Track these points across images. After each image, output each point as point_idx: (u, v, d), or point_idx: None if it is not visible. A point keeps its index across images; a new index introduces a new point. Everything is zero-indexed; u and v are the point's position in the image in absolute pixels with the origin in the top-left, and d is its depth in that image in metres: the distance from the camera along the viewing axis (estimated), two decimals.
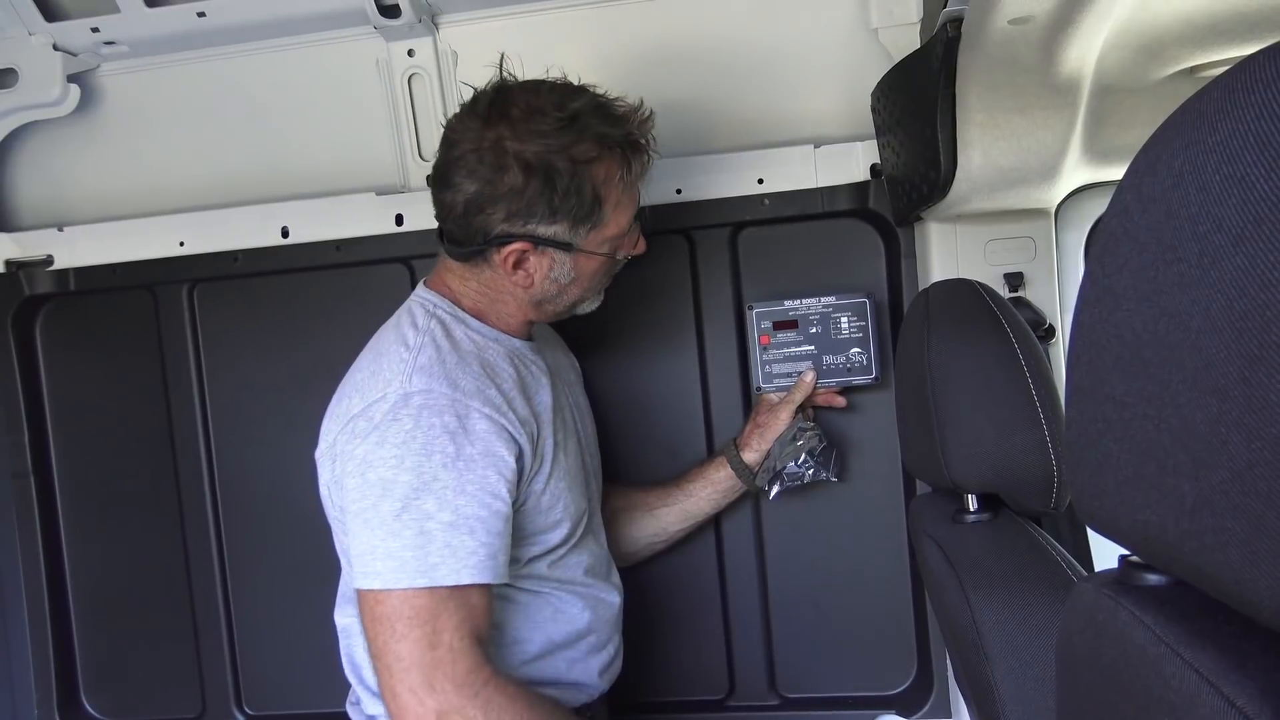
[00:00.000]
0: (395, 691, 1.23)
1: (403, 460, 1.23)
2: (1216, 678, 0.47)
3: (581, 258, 1.37)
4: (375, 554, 1.23)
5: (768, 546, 1.81)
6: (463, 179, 1.31)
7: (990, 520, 1.19)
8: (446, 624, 1.22)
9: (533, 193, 1.29)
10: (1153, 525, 0.50)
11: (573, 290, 1.41)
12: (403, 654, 1.22)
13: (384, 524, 1.23)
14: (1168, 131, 0.49)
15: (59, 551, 2.00)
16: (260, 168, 1.88)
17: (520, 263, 1.35)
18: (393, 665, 1.22)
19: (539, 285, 1.38)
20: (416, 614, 1.22)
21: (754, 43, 1.73)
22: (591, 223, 1.34)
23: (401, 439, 1.24)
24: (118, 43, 1.77)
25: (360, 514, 1.25)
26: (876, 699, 1.79)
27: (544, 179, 1.28)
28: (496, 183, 1.29)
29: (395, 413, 1.26)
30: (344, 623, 1.44)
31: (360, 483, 1.25)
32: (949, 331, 1.19)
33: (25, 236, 1.91)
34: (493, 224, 1.31)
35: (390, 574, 1.22)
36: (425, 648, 1.21)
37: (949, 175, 1.31)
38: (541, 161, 1.28)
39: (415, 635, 1.21)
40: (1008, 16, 1.01)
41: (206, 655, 1.96)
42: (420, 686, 1.21)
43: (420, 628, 1.21)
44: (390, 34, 1.73)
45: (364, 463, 1.25)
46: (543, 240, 1.33)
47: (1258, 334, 0.41)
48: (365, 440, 1.26)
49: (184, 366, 1.93)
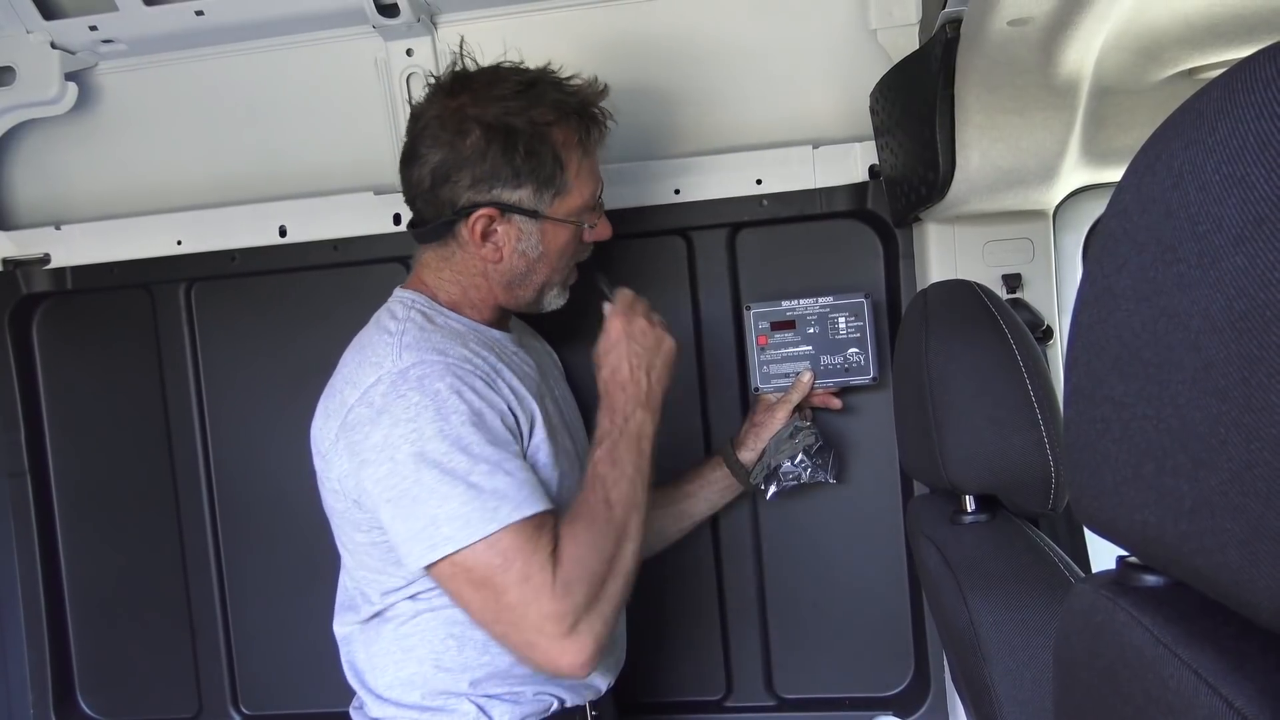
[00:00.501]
0: (530, 642, 1.22)
1: (422, 431, 1.23)
2: (1215, 679, 0.47)
3: (548, 228, 1.40)
4: (436, 522, 1.22)
5: (765, 547, 1.81)
6: (427, 149, 1.36)
7: (988, 521, 1.19)
8: (533, 555, 1.21)
9: (495, 155, 1.33)
10: (1151, 526, 0.50)
11: (541, 269, 1.42)
12: (512, 601, 1.21)
13: (432, 493, 1.22)
14: (1167, 131, 0.49)
15: (55, 550, 2.00)
16: (258, 167, 1.88)
17: (489, 234, 1.37)
18: (510, 618, 1.22)
19: (508, 260, 1.40)
20: (504, 555, 1.21)
21: (753, 43, 1.73)
22: (555, 189, 1.38)
23: (412, 412, 1.24)
24: (116, 41, 1.77)
25: (402, 496, 1.23)
26: (873, 700, 1.79)
27: (504, 140, 1.33)
28: (459, 147, 1.34)
29: (396, 389, 1.25)
30: (343, 632, 1.44)
31: (391, 467, 1.24)
32: (947, 333, 1.19)
33: (22, 235, 1.91)
34: (459, 193, 1.35)
35: (461, 533, 1.21)
36: (524, 582, 1.21)
37: (947, 176, 1.31)
38: (501, 123, 1.33)
39: (513, 576, 1.21)
40: (1007, 18, 1.01)
41: (203, 654, 1.96)
42: (548, 621, 1.21)
43: (513, 566, 1.21)
44: (389, 33, 1.73)
45: (385, 447, 1.24)
46: (509, 206, 1.36)
47: (1257, 334, 0.40)
48: (376, 426, 1.25)
49: (181, 366, 1.92)
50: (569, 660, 1.22)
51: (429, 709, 1.36)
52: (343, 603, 1.45)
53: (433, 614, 1.35)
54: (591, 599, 1.23)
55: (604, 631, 1.24)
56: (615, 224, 1.53)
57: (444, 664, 1.35)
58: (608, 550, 1.27)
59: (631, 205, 1.72)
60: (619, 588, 1.27)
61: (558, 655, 1.22)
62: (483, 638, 1.33)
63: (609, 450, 1.34)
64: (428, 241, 1.43)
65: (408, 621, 1.36)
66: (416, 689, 1.36)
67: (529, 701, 1.38)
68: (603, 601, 1.24)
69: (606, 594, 1.25)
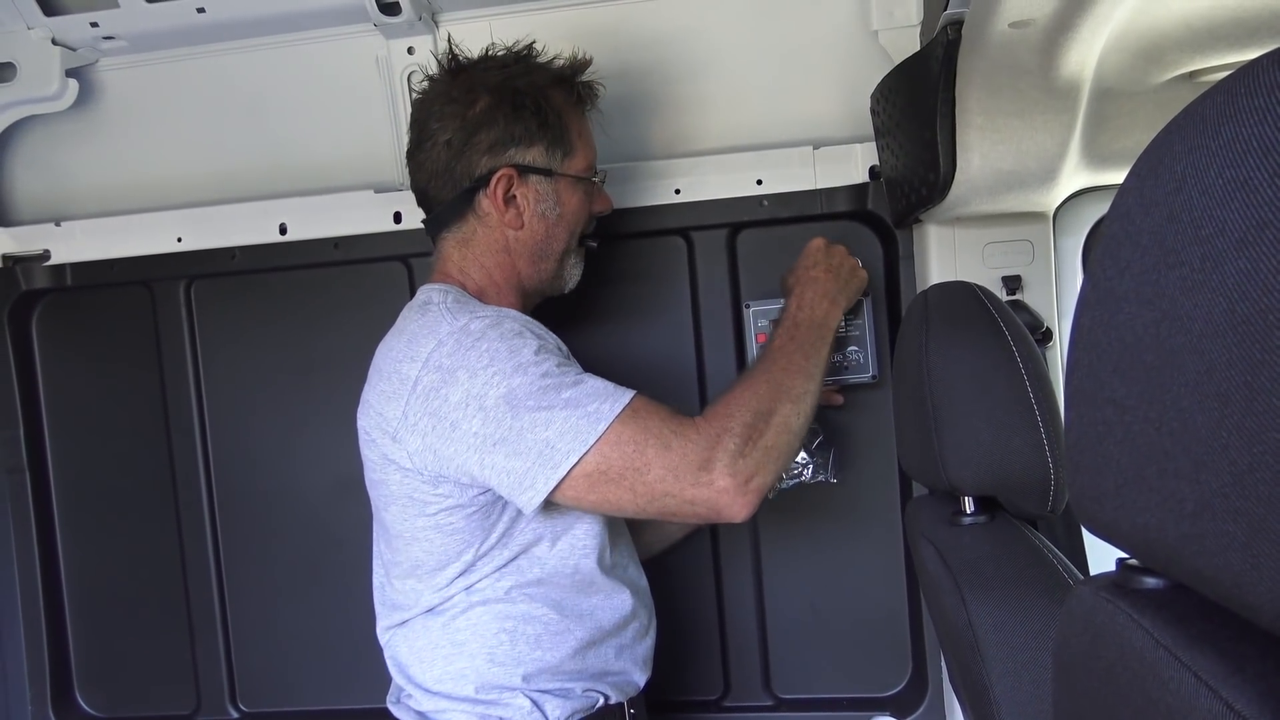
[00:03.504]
0: (691, 499, 1.24)
1: (503, 370, 1.24)
2: (1215, 681, 0.47)
3: (563, 187, 1.45)
4: (550, 445, 1.22)
5: (763, 547, 1.82)
6: (438, 126, 1.42)
7: (987, 523, 1.19)
8: (662, 426, 1.24)
9: (505, 117, 1.40)
10: (1152, 528, 0.50)
11: (560, 233, 1.46)
12: (659, 474, 1.23)
13: (534, 423, 1.23)
14: (1170, 135, 0.49)
15: (54, 547, 2.00)
16: (259, 164, 1.88)
17: (509, 199, 1.41)
18: (663, 488, 1.24)
19: (529, 225, 1.43)
20: (633, 441, 1.23)
21: (753, 44, 1.73)
22: (563, 148, 1.44)
23: (486, 359, 1.25)
24: (117, 38, 1.77)
25: (504, 437, 1.23)
26: (871, 700, 1.79)
27: (512, 102, 1.40)
28: (468, 115, 1.40)
29: (460, 345, 1.26)
30: (386, 637, 1.45)
31: (484, 416, 1.24)
32: (947, 334, 1.19)
33: (22, 231, 1.91)
34: (476, 160, 1.41)
35: (580, 436, 1.22)
36: (665, 450, 1.23)
37: (948, 178, 1.31)
38: (504, 86, 1.41)
39: (651, 453, 1.23)
40: (1008, 20, 1.01)
41: (201, 651, 1.96)
42: (701, 472, 1.23)
43: (647, 445, 1.23)
44: (390, 31, 1.73)
45: (470, 400, 1.24)
46: (525, 167, 1.42)
47: (1260, 338, 0.41)
48: (453, 384, 1.25)
49: (181, 363, 1.92)
50: (729, 499, 1.24)
51: (483, 702, 1.37)
52: (384, 602, 1.46)
53: (485, 607, 1.36)
54: (745, 445, 1.25)
55: (763, 474, 1.26)
56: (616, 224, 1.53)
57: (497, 658, 1.36)
58: (765, 405, 1.29)
59: (632, 205, 1.72)
60: (776, 439, 1.28)
61: (717, 497, 1.23)
62: (535, 633, 1.35)
63: (789, 328, 1.42)
64: (447, 223, 1.44)
65: (460, 616, 1.36)
66: (469, 683, 1.37)
67: (578, 697, 1.39)
68: (757, 449, 1.26)
69: (761, 443, 1.26)
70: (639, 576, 1.52)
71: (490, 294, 1.44)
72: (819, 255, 1.52)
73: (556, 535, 1.36)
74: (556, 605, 1.37)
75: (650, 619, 1.53)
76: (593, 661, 1.41)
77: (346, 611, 1.84)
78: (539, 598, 1.36)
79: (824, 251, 1.52)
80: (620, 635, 1.45)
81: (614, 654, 1.44)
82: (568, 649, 1.38)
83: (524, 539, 1.35)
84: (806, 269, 1.50)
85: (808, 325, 1.42)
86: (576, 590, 1.39)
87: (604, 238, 1.60)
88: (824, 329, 1.43)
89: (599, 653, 1.42)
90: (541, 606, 1.36)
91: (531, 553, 1.36)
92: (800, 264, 1.52)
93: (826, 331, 1.44)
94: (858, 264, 1.55)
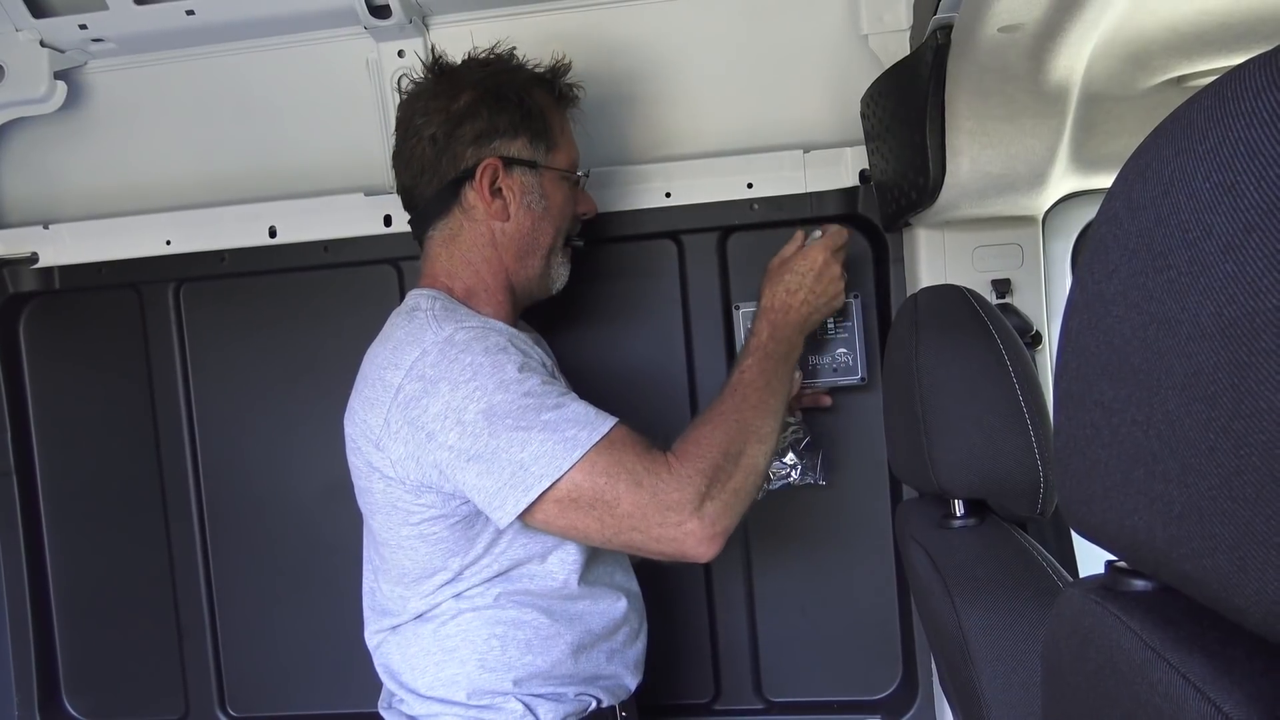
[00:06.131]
0: (658, 537, 1.24)
1: (485, 386, 1.24)
2: (1203, 683, 0.47)
3: (548, 180, 1.45)
4: (524, 466, 1.22)
5: (754, 550, 1.82)
6: (422, 121, 1.42)
7: (976, 525, 1.20)
8: (636, 461, 1.24)
9: (487, 110, 1.41)
10: (1140, 531, 0.51)
11: (546, 229, 1.45)
12: (629, 508, 1.23)
13: (510, 442, 1.22)
14: (1158, 139, 0.49)
15: (41, 551, 1.98)
16: (248, 167, 1.87)
17: (495, 191, 1.41)
18: (631, 524, 1.24)
19: (515, 218, 1.43)
20: (606, 472, 1.23)
21: (744, 48, 1.74)
22: (547, 142, 1.45)
23: (469, 373, 1.24)
24: (106, 40, 1.76)
25: (480, 453, 1.23)
26: (862, 703, 1.79)
27: (494, 96, 1.42)
28: (452, 109, 1.41)
29: (444, 355, 1.26)
30: (375, 640, 1.45)
31: (461, 430, 1.23)
32: (937, 337, 1.19)
33: (10, 234, 1.90)
34: (461, 152, 1.41)
35: (554, 461, 1.22)
36: (636, 487, 1.23)
37: (937, 181, 1.32)
38: (488, 83, 1.43)
39: (622, 486, 1.23)
40: (997, 24, 1.02)
41: (190, 656, 1.95)
42: (670, 511, 1.23)
43: (619, 478, 1.23)
44: (380, 34, 1.73)
45: (449, 412, 1.24)
46: (510, 159, 1.42)
47: (1247, 341, 0.41)
48: (434, 395, 1.25)
49: (169, 366, 1.91)
50: (695, 541, 1.24)
51: (475, 707, 1.36)
52: (374, 607, 1.45)
53: (475, 614, 1.35)
54: (712, 486, 1.25)
55: (728, 516, 1.26)
56: (607, 227, 1.53)
57: (488, 664, 1.36)
58: (733, 446, 1.30)
59: (623, 208, 1.72)
60: (743, 482, 1.29)
61: (683, 539, 1.24)
62: (525, 638, 1.35)
63: (759, 360, 1.41)
64: (433, 219, 1.44)
65: (449, 622, 1.36)
66: (461, 688, 1.36)
67: (570, 701, 1.39)
68: (725, 491, 1.26)
69: (729, 485, 1.27)
70: (629, 581, 1.52)
71: (480, 295, 1.43)
72: (808, 278, 1.47)
73: (547, 552, 1.36)
74: (546, 610, 1.37)
75: (641, 623, 1.53)
76: (584, 666, 1.41)
77: (336, 616, 1.83)
78: (528, 604, 1.36)
79: (815, 275, 1.48)
80: (611, 639, 1.45)
81: (605, 658, 1.44)
82: (559, 653, 1.38)
83: (515, 554, 1.35)
84: (790, 290, 1.47)
85: (777, 359, 1.42)
86: (566, 597, 1.39)
87: (595, 240, 1.60)
88: (789, 361, 1.44)
89: (590, 657, 1.42)
90: (531, 612, 1.36)
91: (523, 568, 1.36)
92: (789, 275, 1.48)
93: (791, 365, 1.45)
94: (842, 288, 1.51)
